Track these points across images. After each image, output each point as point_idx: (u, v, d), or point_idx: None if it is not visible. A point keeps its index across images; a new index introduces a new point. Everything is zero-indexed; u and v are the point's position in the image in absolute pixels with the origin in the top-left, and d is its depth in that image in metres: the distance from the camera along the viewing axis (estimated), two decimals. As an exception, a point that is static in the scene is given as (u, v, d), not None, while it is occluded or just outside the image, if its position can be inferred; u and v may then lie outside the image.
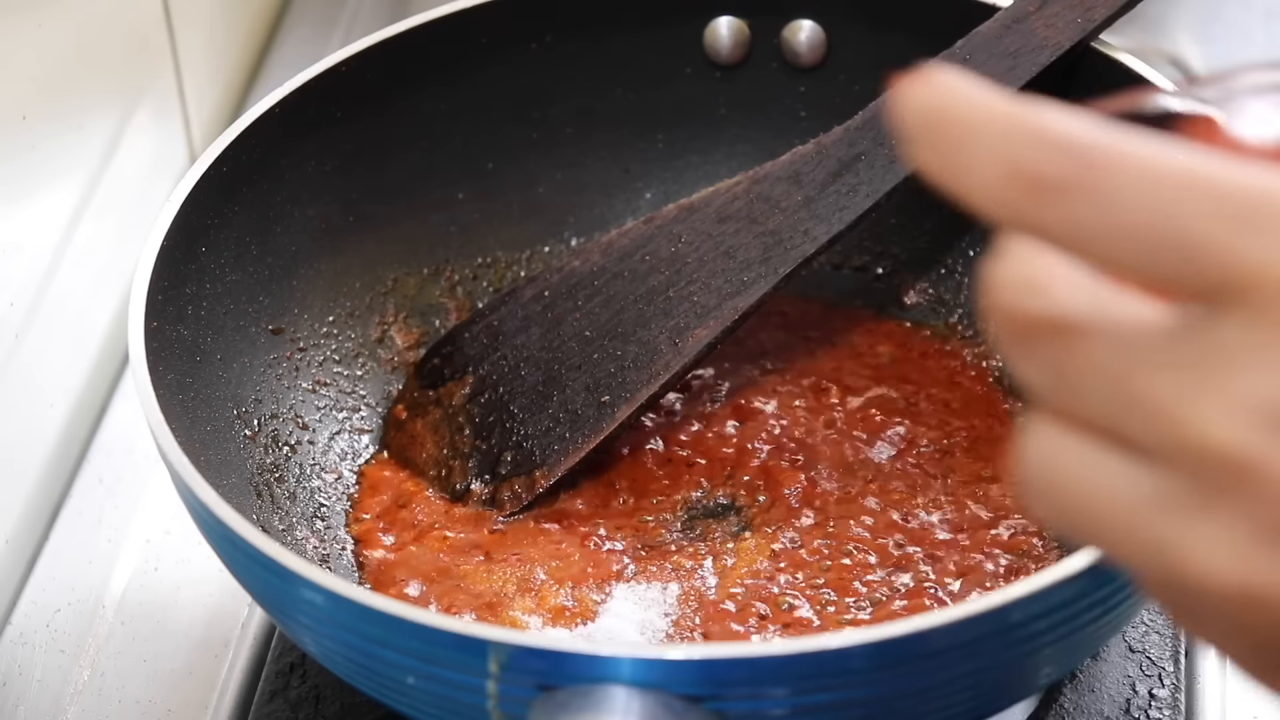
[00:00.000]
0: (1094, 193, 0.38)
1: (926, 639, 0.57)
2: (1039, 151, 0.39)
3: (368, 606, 0.59)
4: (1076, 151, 0.39)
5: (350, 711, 0.73)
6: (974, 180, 0.40)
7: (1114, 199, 0.38)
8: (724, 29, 0.85)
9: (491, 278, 0.86)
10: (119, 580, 0.82)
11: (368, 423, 0.81)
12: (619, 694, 0.56)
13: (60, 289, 0.86)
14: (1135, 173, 0.38)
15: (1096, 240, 0.38)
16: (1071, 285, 0.40)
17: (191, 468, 0.64)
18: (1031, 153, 0.39)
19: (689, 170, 0.87)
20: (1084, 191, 0.38)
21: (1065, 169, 0.38)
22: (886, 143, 0.76)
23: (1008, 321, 0.41)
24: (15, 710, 0.77)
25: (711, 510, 0.77)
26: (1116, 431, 0.39)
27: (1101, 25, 0.76)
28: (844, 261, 0.86)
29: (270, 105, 0.78)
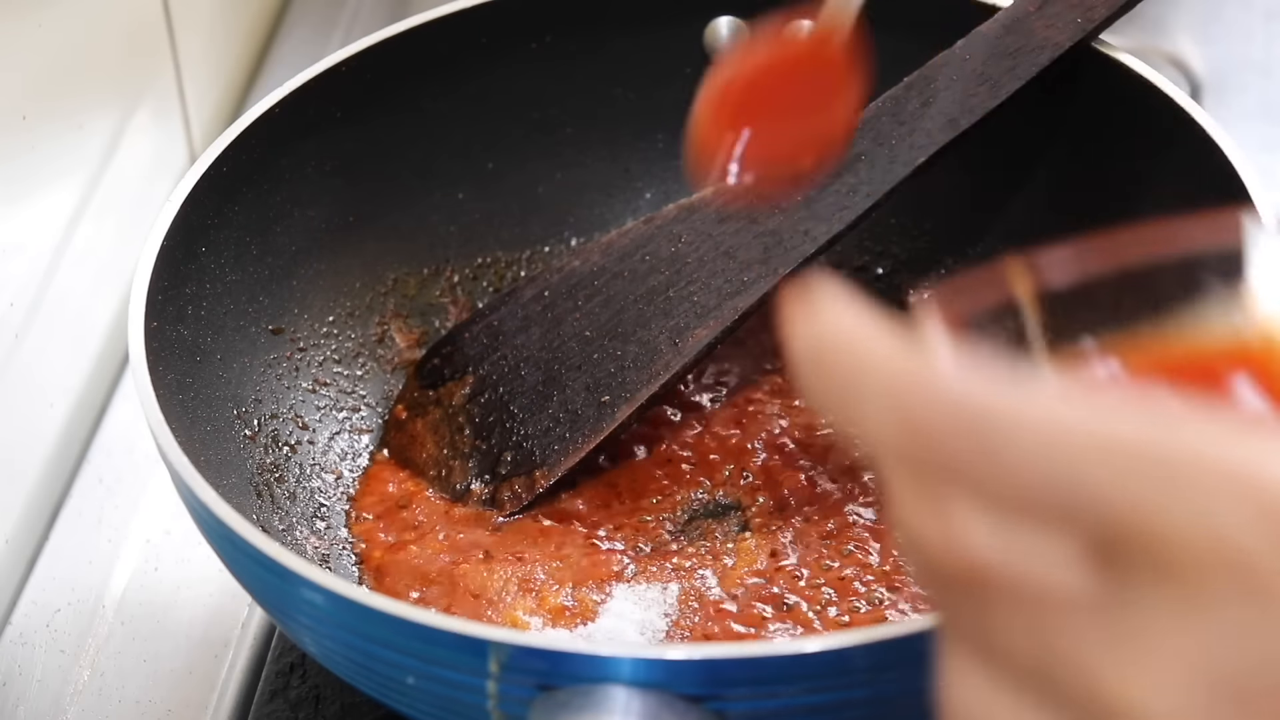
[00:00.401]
0: (997, 451, 0.37)
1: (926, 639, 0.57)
2: (934, 406, 0.38)
3: (368, 606, 0.59)
4: (973, 408, 0.37)
5: (350, 711, 0.73)
6: (865, 424, 0.39)
7: (1018, 461, 0.37)
8: (724, 29, 0.85)
9: (491, 278, 0.86)
10: (119, 580, 0.82)
11: (368, 423, 0.81)
12: (619, 694, 0.56)
13: (60, 289, 0.86)
14: (1040, 429, 0.36)
15: (1004, 499, 0.37)
16: (986, 534, 0.38)
17: (191, 468, 0.64)
18: (926, 407, 0.38)
19: (689, 170, 0.87)
20: (985, 450, 0.37)
21: (962, 426, 0.37)
22: (886, 143, 0.76)
23: (925, 570, 0.40)
24: (15, 710, 0.77)
25: (711, 510, 0.77)
26: (1042, 686, 0.38)
27: (1101, 25, 0.76)
28: (844, 261, 0.86)
29: (270, 105, 0.78)
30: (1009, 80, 0.76)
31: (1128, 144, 0.77)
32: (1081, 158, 0.79)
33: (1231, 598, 0.35)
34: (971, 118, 0.76)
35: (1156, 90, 0.75)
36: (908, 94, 0.77)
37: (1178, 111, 0.74)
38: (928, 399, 0.38)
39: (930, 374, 0.38)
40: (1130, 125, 0.77)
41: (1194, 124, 0.73)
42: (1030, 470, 0.37)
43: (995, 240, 0.83)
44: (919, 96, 0.77)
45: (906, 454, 0.38)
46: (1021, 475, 0.37)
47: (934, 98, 0.76)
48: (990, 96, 0.76)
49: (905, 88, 0.77)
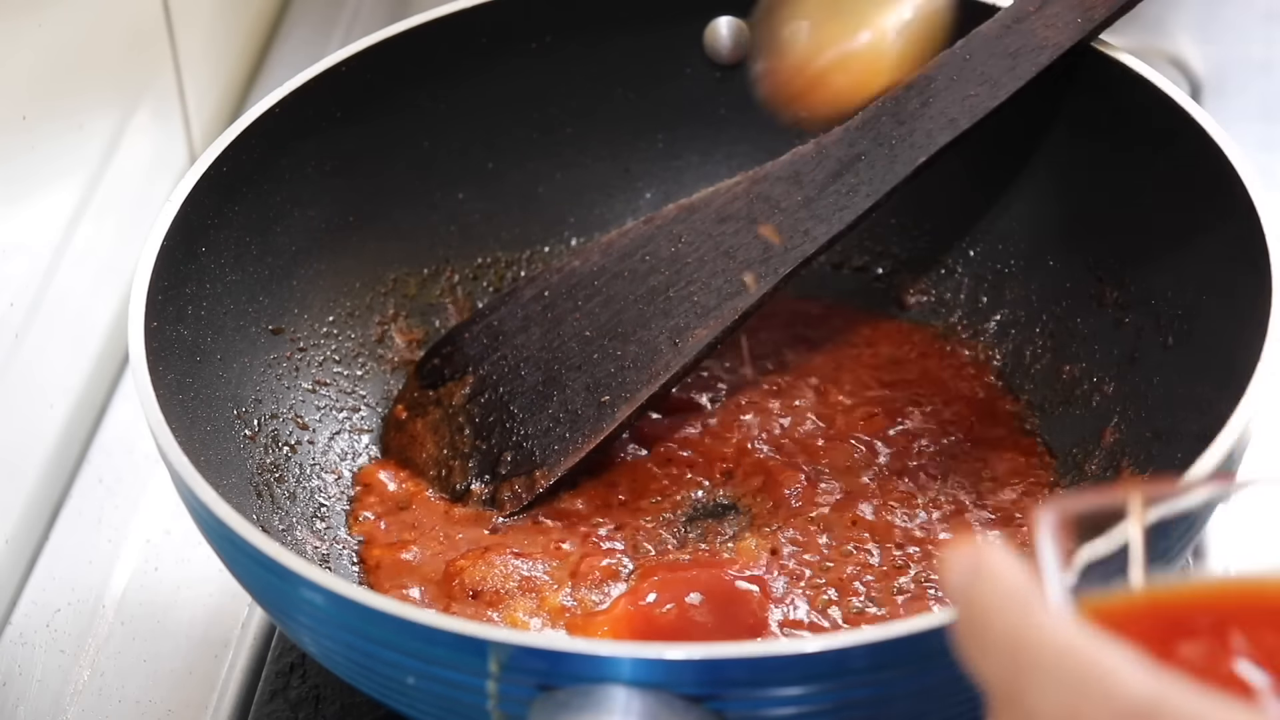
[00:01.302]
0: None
1: (926, 639, 0.57)
2: (1103, 708, 0.39)
3: (368, 606, 0.59)
4: (1139, 714, 0.39)
5: (350, 711, 0.73)
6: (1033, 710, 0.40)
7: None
8: (724, 29, 0.85)
9: (491, 278, 0.86)
10: (119, 580, 0.82)
11: (368, 423, 0.81)
12: (619, 694, 0.56)
13: (60, 289, 0.86)
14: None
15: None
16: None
17: (191, 468, 0.64)
18: (1096, 707, 0.39)
19: (689, 170, 0.87)
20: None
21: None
22: (886, 143, 0.76)
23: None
24: (15, 710, 0.77)
25: (711, 510, 0.77)
26: None
27: (1101, 25, 0.76)
28: (844, 261, 0.86)
29: (270, 105, 0.78)
30: (1009, 80, 0.76)
31: (1128, 144, 0.77)
32: (1081, 158, 0.79)
33: None
34: (971, 118, 0.76)
35: (1156, 90, 0.75)
36: (908, 94, 0.77)
37: (1178, 111, 0.74)
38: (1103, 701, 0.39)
39: (1104, 666, 0.40)
40: (1130, 125, 0.77)
41: (1194, 124, 0.73)
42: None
43: (995, 240, 0.83)
44: (919, 96, 0.77)
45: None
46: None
47: (934, 98, 0.76)
48: (990, 96, 0.76)
49: (905, 88, 0.77)
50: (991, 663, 0.42)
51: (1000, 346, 0.82)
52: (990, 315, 0.83)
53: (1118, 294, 0.78)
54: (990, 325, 0.83)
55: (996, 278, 0.83)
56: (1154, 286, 0.77)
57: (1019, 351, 0.82)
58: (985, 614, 0.42)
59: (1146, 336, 0.76)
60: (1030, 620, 0.41)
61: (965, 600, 0.42)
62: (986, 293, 0.83)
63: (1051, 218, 0.81)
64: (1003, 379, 0.81)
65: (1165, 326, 0.75)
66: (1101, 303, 0.79)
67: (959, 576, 0.43)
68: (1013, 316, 0.82)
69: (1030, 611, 0.41)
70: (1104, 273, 0.79)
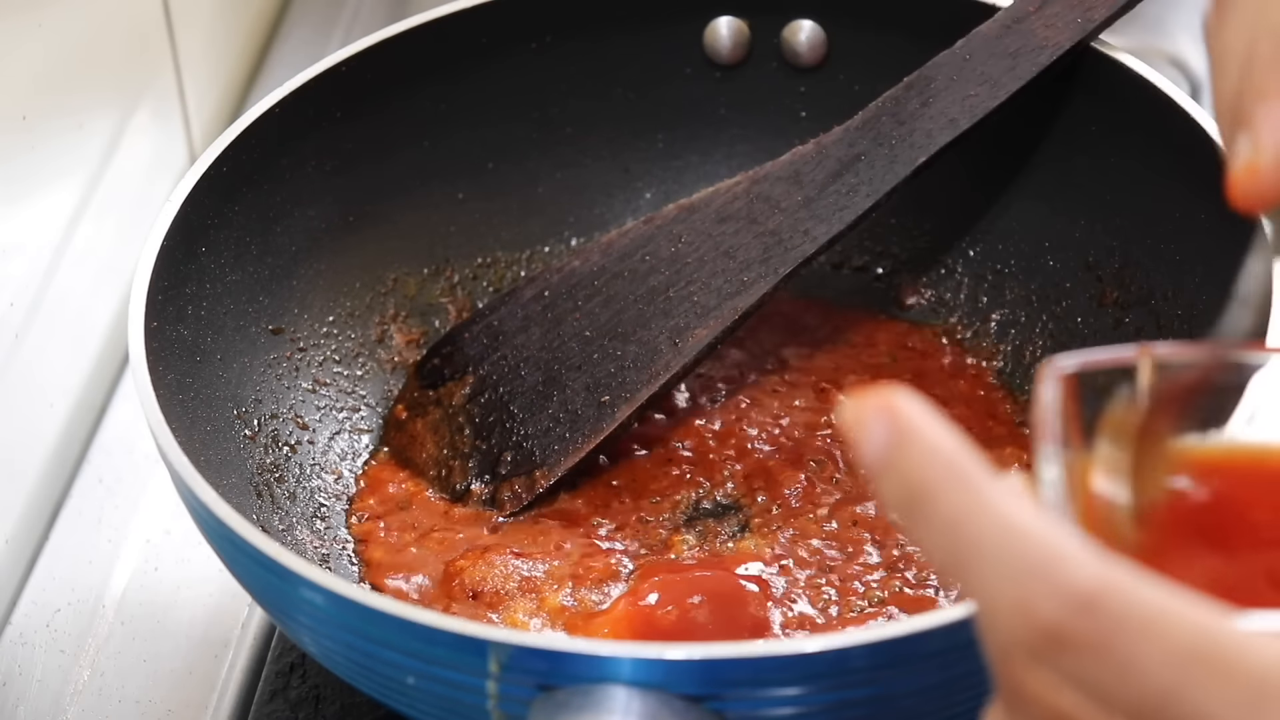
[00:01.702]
0: (1106, 655, 0.37)
1: (926, 639, 0.57)
2: (1051, 597, 0.38)
3: (368, 606, 0.59)
4: (1089, 602, 0.38)
5: (350, 711, 0.73)
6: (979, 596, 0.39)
7: (1126, 664, 0.37)
8: (724, 29, 0.85)
9: (491, 278, 0.86)
10: (119, 580, 0.82)
11: (368, 423, 0.81)
12: (619, 694, 0.56)
13: (60, 289, 0.86)
14: (1150, 636, 0.37)
15: (1102, 694, 0.38)
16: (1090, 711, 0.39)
17: (191, 468, 0.64)
18: (1043, 597, 0.38)
19: (689, 170, 0.87)
20: (1096, 652, 0.38)
21: (1079, 624, 0.38)
22: (886, 143, 0.76)
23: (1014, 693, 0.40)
24: (15, 710, 0.77)
25: (711, 510, 0.77)
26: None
27: (1101, 25, 0.76)
28: (844, 261, 0.86)
29: (270, 105, 0.78)
30: (1009, 80, 0.76)
31: (1128, 144, 0.77)
32: (1081, 158, 0.79)
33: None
34: (971, 118, 0.76)
35: (1156, 90, 0.75)
36: (908, 94, 0.77)
37: (1178, 111, 0.74)
38: (1050, 589, 0.38)
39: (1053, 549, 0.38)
40: (1130, 125, 0.77)
41: (1194, 124, 0.73)
42: (1140, 677, 0.37)
43: (995, 240, 0.83)
44: (919, 96, 0.77)
45: (1020, 634, 0.39)
46: (1131, 681, 0.37)
47: (934, 98, 0.76)
48: (990, 96, 0.76)
49: (905, 88, 0.77)
50: (932, 541, 0.39)
51: (1000, 346, 0.82)
52: (990, 315, 0.83)
53: (1118, 294, 0.78)
54: (990, 325, 0.83)
55: (996, 278, 0.83)
56: (1154, 286, 0.77)
57: (1019, 351, 0.82)
58: (922, 490, 0.39)
59: (1146, 336, 0.76)
60: (972, 499, 0.39)
61: (895, 473, 0.40)
62: (986, 293, 0.83)
63: (1051, 217, 0.81)
64: (1003, 379, 0.81)
65: (1165, 326, 0.75)
66: (1101, 303, 0.79)
67: (878, 443, 0.40)
68: (1013, 316, 0.82)
69: (972, 488, 0.39)
70: (1104, 273, 0.79)
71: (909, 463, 0.40)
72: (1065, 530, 0.39)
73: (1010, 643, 0.39)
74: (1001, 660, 0.40)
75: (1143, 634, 0.37)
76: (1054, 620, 0.38)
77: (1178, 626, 0.37)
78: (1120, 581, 0.38)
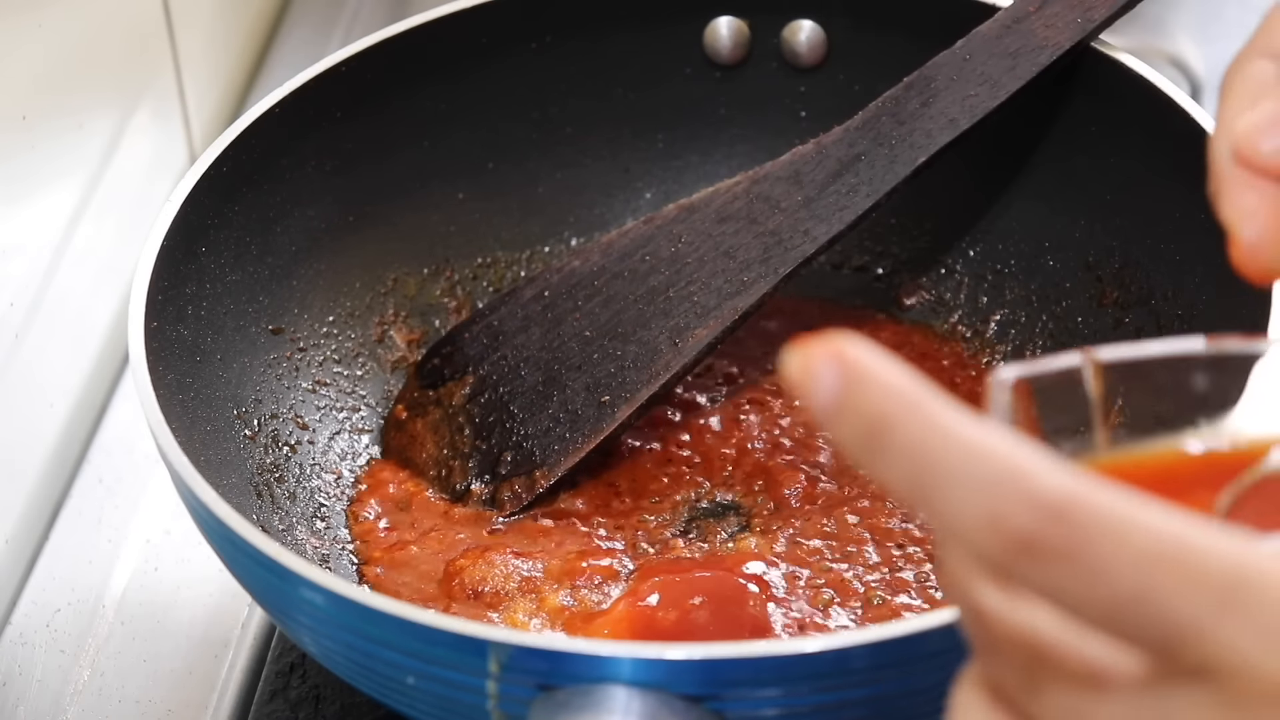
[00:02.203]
0: (1076, 561, 0.38)
1: (926, 639, 0.57)
2: (1019, 506, 0.38)
3: (368, 606, 0.59)
4: (1058, 511, 0.38)
5: (350, 711, 0.73)
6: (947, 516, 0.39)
7: (1096, 569, 0.37)
8: (724, 29, 0.85)
9: (491, 278, 0.86)
10: (119, 580, 0.81)
11: (368, 423, 0.81)
12: (619, 694, 0.56)
13: (60, 289, 0.86)
14: (1118, 541, 0.37)
15: (1074, 602, 0.38)
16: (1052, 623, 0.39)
17: (191, 468, 0.64)
18: (1012, 507, 0.38)
19: (689, 170, 0.87)
20: (1066, 559, 0.38)
21: (1049, 531, 0.38)
22: (886, 143, 0.76)
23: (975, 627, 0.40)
24: (15, 710, 0.77)
25: (711, 510, 0.77)
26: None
27: (1101, 25, 0.76)
28: (844, 261, 0.86)
29: (270, 105, 0.78)
30: (1009, 80, 0.76)
31: (1128, 144, 0.77)
32: (1081, 158, 0.79)
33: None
34: (971, 118, 0.76)
35: (1156, 90, 0.75)
36: (908, 94, 0.77)
37: (1178, 111, 0.74)
38: (1018, 498, 0.38)
39: (1017, 463, 0.38)
40: (1130, 125, 0.77)
41: (1194, 124, 0.73)
42: (1111, 581, 0.37)
43: (995, 240, 0.83)
44: (919, 96, 0.77)
45: (990, 548, 0.38)
46: (1102, 586, 0.37)
47: (934, 98, 0.76)
48: (990, 96, 0.76)
49: (905, 88, 0.77)
50: (894, 472, 0.39)
51: (1000, 346, 0.82)
52: (990, 315, 0.83)
53: (1118, 294, 0.78)
54: (990, 325, 0.83)
55: (996, 278, 0.83)
56: (1154, 286, 0.77)
57: (1019, 351, 0.82)
58: (880, 423, 0.39)
59: (1146, 336, 0.76)
60: (932, 425, 0.39)
61: (850, 413, 0.39)
62: (986, 293, 0.83)
63: (1051, 217, 0.81)
64: (1003, 379, 0.81)
65: (1165, 326, 0.75)
66: (1101, 303, 0.79)
67: (828, 388, 0.40)
68: (1013, 316, 0.82)
69: (930, 415, 0.39)
70: (1104, 273, 0.79)
71: (864, 400, 0.40)
72: (1031, 447, 0.39)
73: (979, 559, 0.39)
74: (966, 590, 0.40)
75: (1112, 539, 0.37)
76: (1024, 528, 0.38)
77: (1145, 531, 0.37)
78: (1089, 490, 0.38)
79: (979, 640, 0.41)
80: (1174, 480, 0.45)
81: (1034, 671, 0.39)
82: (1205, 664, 0.37)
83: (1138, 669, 0.38)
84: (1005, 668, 0.40)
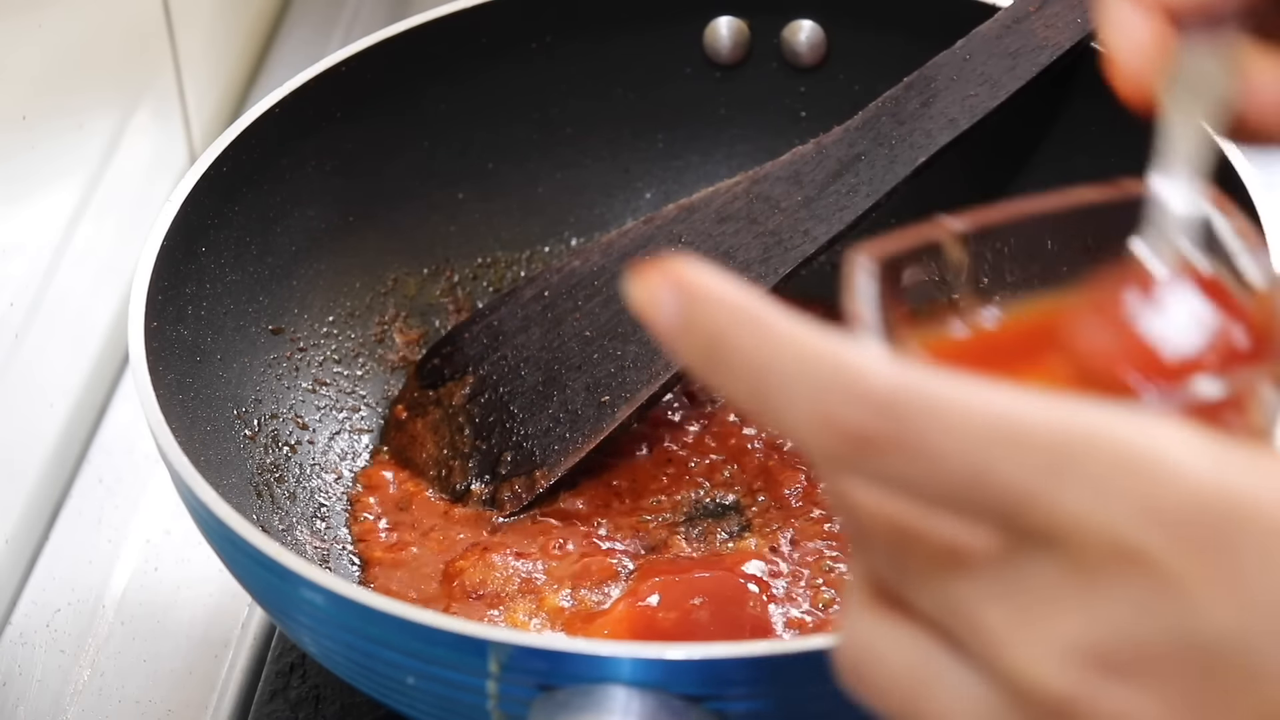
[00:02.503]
0: (910, 451, 0.39)
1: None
2: (848, 406, 0.39)
3: (368, 606, 0.59)
4: (885, 404, 0.39)
5: (350, 711, 0.73)
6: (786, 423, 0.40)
7: (930, 456, 0.39)
8: (724, 29, 0.85)
9: (491, 278, 0.86)
10: (119, 580, 0.82)
11: (368, 423, 0.81)
12: (619, 694, 0.56)
13: (60, 289, 0.86)
14: (946, 425, 0.39)
15: (916, 489, 0.39)
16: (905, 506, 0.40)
17: (191, 468, 0.64)
18: (842, 407, 0.39)
19: (689, 170, 0.87)
20: (900, 450, 0.39)
21: (879, 426, 0.39)
22: (886, 143, 0.76)
23: (847, 520, 0.42)
24: (15, 710, 0.77)
25: (711, 510, 0.77)
26: (942, 635, 0.40)
27: (1102, 25, 0.76)
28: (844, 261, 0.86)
29: (270, 105, 0.78)
30: (1009, 80, 0.76)
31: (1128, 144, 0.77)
32: (1081, 158, 0.79)
33: (1116, 581, 0.38)
34: (971, 118, 0.76)
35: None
36: (908, 94, 0.77)
37: (1178, 111, 0.74)
38: (847, 397, 0.39)
39: (845, 361, 0.40)
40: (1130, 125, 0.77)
41: (1194, 124, 0.73)
42: (946, 465, 0.39)
43: (995, 240, 0.83)
44: (919, 96, 0.77)
45: (828, 448, 0.40)
46: (937, 467, 0.39)
47: (934, 98, 0.76)
48: (990, 96, 0.76)
49: (905, 88, 0.77)
50: (735, 387, 0.41)
51: (1000, 346, 0.82)
52: (990, 315, 0.83)
53: (1118, 294, 0.78)
54: (990, 325, 0.83)
55: (996, 278, 0.83)
56: (1154, 286, 0.77)
57: (1019, 351, 0.82)
58: (718, 339, 0.40)
59: (1146, 336, 0.76)
60: (765, 335, 0.40)
61: (690, 332, 0.41)
62: (986, 293, 0.83)
63: (1051, 218, 0.81)
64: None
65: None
66: (1101, 303, 0.79)
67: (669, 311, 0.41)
68: (1013, 316, 0.82)
69: (763, 325, 0.40)
70: (1104, 273, 0.79)
71: (701, 318, 0.41)
72: (859, 343, 0.41)
73: (822, 458, 0.40)
74: (826, 479, 0.42)
75: (940, 424, 0.38)
76: (855, 424, 0.39)
77: (971, 411, 0.38)
78: (914, 379, 0.39)
79: (851, 533, 0.42)
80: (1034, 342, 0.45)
81: (901, 557, 0.41)
82: (1047, 529, 0.38)
83: (991, 544, 0.39)
84: (877, 558, 0.41)
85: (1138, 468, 0.37)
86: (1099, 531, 0.38)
